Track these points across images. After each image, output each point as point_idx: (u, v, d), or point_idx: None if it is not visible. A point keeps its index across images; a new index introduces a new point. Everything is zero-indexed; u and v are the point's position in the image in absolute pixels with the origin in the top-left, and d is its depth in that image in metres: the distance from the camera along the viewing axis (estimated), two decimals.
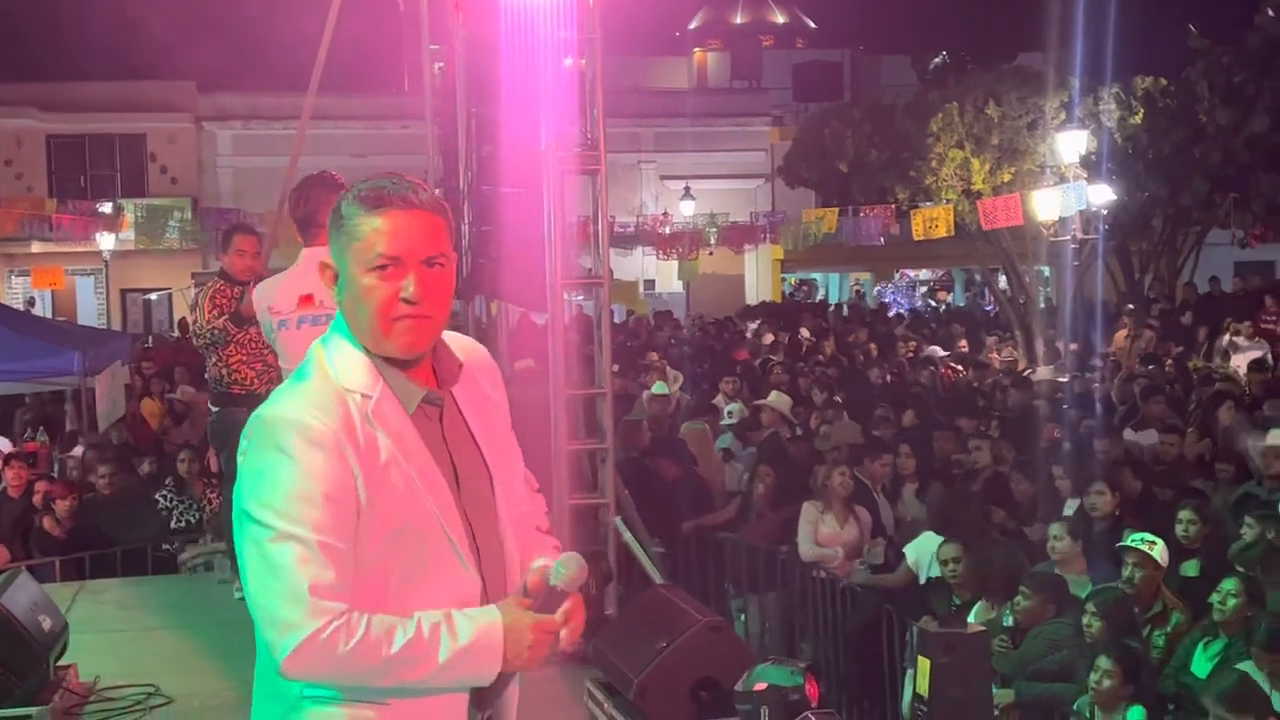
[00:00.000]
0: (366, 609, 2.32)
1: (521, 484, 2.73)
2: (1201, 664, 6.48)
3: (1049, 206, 19.82)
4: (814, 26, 45.38)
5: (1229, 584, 6.55)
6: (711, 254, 32.73)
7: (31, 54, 32.78)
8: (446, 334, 2.59)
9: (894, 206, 25.60)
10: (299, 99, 8.78)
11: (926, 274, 38.32)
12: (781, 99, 37.02)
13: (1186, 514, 7.81)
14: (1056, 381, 16.42)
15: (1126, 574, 6.93)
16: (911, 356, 18.86)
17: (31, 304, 29.75)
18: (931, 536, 8.36)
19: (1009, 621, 7.10)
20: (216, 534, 8.76)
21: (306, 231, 5.69)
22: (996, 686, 6.51)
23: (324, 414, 2.36)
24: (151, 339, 25.37)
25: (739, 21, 44.81)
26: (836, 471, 9.10)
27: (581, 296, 9.80)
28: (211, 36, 30.36)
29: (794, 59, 40.37)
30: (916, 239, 24.45)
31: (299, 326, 5.51)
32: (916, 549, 8.47)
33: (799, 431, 11.71)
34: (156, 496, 10.01)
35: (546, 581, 2.45)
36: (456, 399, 2.56)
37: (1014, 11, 28.43)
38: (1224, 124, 21.08)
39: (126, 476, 10.57)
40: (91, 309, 32.05)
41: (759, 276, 34.96)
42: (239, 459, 2.41)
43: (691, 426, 11.83)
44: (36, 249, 30.42)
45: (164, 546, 9.51)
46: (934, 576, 8.17)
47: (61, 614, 6.19)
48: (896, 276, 37.37)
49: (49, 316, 27.40)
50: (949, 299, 35.84)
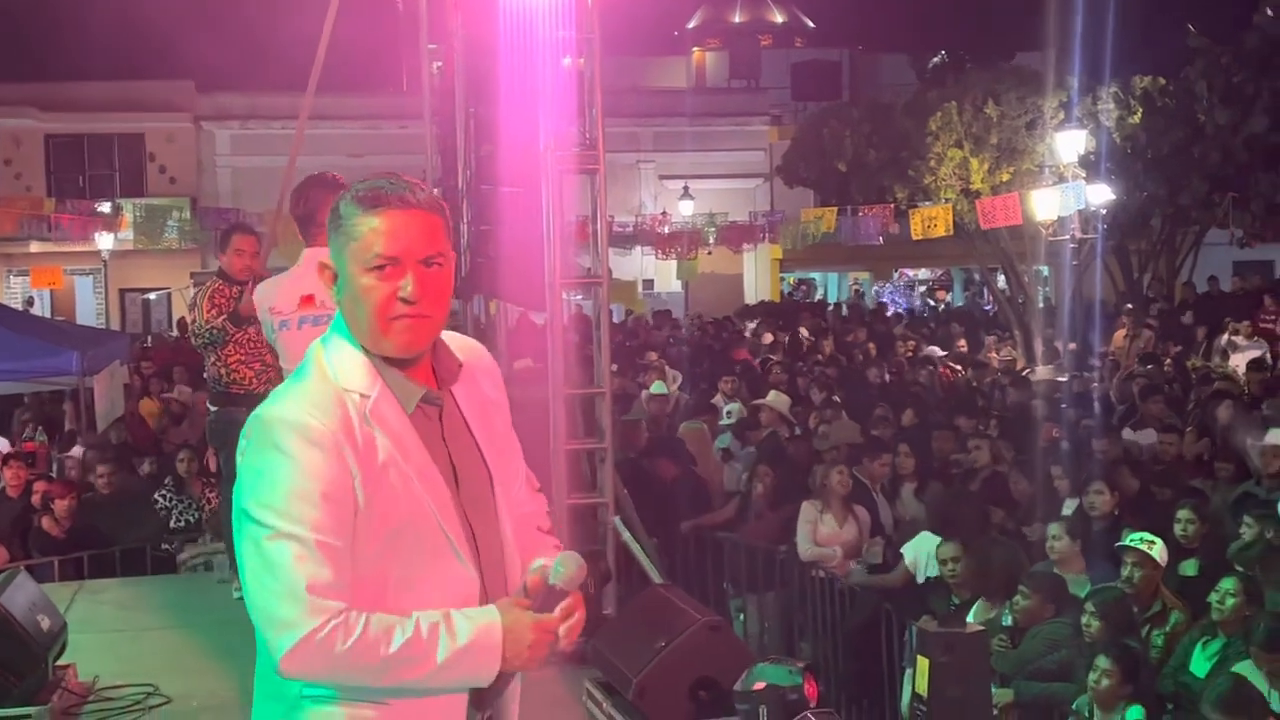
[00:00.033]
0: (365, 608, 2.32)
1: (523, 484, 2.72)
2: (1200, 663, 6.49)
3: (1048, 206, 19.81)
4: (812, 26, 45.36)
5: (1228, 583, 6.55)
6: (710, 253, 32.71)
7: (30, 54, 32.77)
8: (447, 334, 2.59)
9: (893, 206, 25.59)
10: (298, 99, 8.77)
11: (925, 273, 38.35)
12: (780, 98, 36.99)
13: (1185, 513, 7.81)
14: (1055, 381, 16.42)
15: (1125, 573, 6.93)
16: (910, 356, 18.86)
17: (30, 304, 29.75)
18: (929, 536, 8.36)
19: (1008, 621, 7.10)
20: (215, 533, 8.75)
21: (307, 231, 5.69)
22: (995, 686, 6.51)
23: (322, 413, 2.36)
24: (150, 339, 25.33)
25: (737, 21, 44.79)
26: (835, 471, 9.10)
27: (580, 296, 9.80)
28: (210, 36, 30.30)
29: (792, 58, 40.35)
30: (915, 238, 24.41)
31: (300, 327, 5.51)
32: (914, 549, 8.47)
33: (798, 431, 11.70)
34: (155, 496, 10.00)
35: (546, 581, 2.44)
36: (456, 399, 2.56)
37: (1013, 11, 28.44)
38: (1223, 123, 21.08)
39: (125, 476, 10.57)
40: (90, 309, 32.03)
41: (758, 276, 34.94)
42: (238, 458, 2.41)
43: (690, 426, 11.83)
44: (35, 249, 30.41)
45: (163, 546, 9.50)
46: (932, 576, 8.18)
47: (60, 614, 6.19)
48: (895, 276, 37.39)
49: (48, 316, 27.38)
50: (948, 298, 35.86)
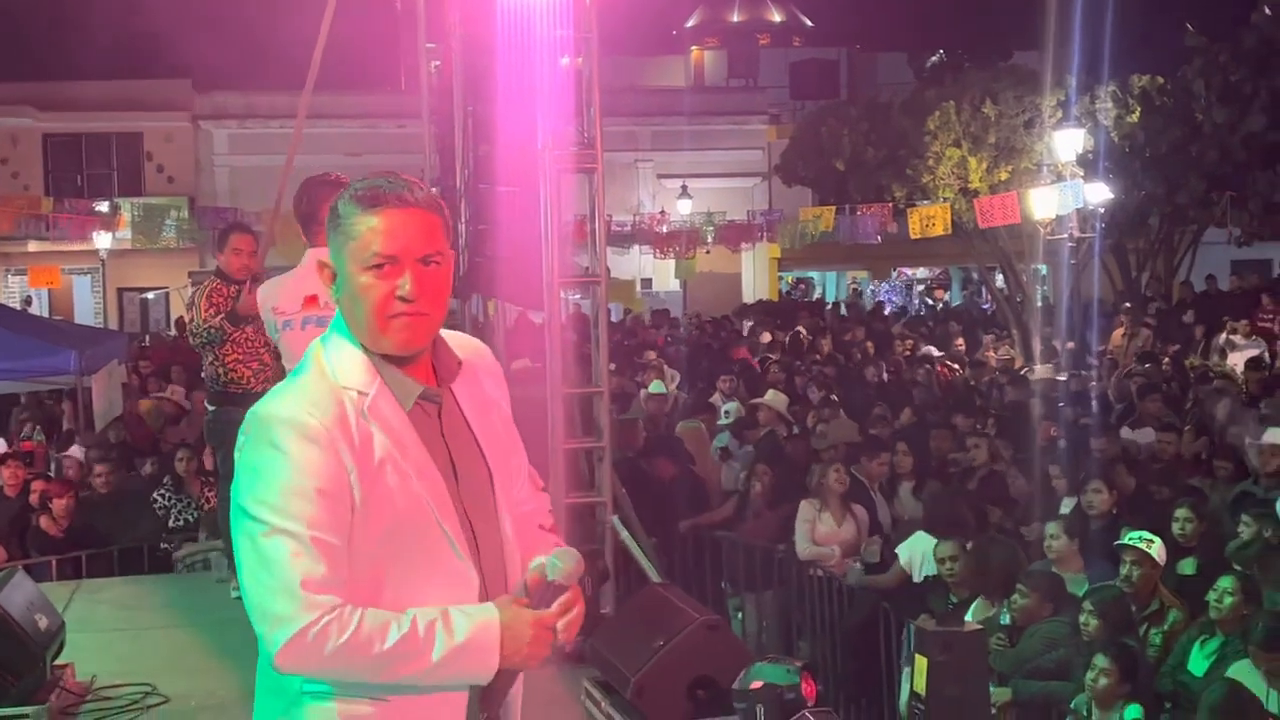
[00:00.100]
0: (364, 604, 2.33)
1: (525, 482, 2.73)
2: (1198, 662, 6.49)
3: (1046, 205, 19.82)
4: (811, 25, 45.36)
5: (1226, 582, 6.55)
6: (709, 252, 32.67)
7: (28, 53, 32.70)
8: (449, 333, 2.60)
9: (891, 205, 25.58)
10: (295, 98, 8.78)
11: (924, 272, 38.33)
12: (778, 97, 36.95)
13: (1183, 512, 7.81)
14: (1053, 380, 16.43)
15: (1124, 572, 6.93)
16: (909, 355, 18.87)
17: (28, 303, 29.74)
18: (924, 536, 8.36)
19: (1006, 620, 7.10)
20: (211, 531, 8.75)
21: (309, 230, 5.68)
22: (993, 685, 6.52)
23: (319, 411, 2.37)
24: (148, 338, 25.30)
25: (736, 20, 44.76)
26: (832, 469, 9.10)
27: (578, 295, 9.82)
28: (208, 36, 30.22)
29: (791, 57, 40.28)
30: (913, 237, 24.38)
31: (304, 327, 5.51)
32: (909, 549, 8.46)
33: (796, 430, 11.70)
34: (154, 495, 10.00)
35: (545, 578, 2.44)
36: (457, 397, 2.57)
37: (1011, 10, 28.45)
38: (1220, 122, 21.10)
39: (123, 475, 10.56)
40: (88, 308, 32.00)
41: (756, 275, 34.91)
42: (236, 455, 2.42)
43: (688, 425, 11.83)
44: (33, 248, 30.38)
45: (162, 545, 9.49)
46: (929, 576, 8.17)
47: (58, 613, 6.18)
48: (894, 275, 37.37)
49: (46, 315, 27.37)
50: (946, 297, 35.86)
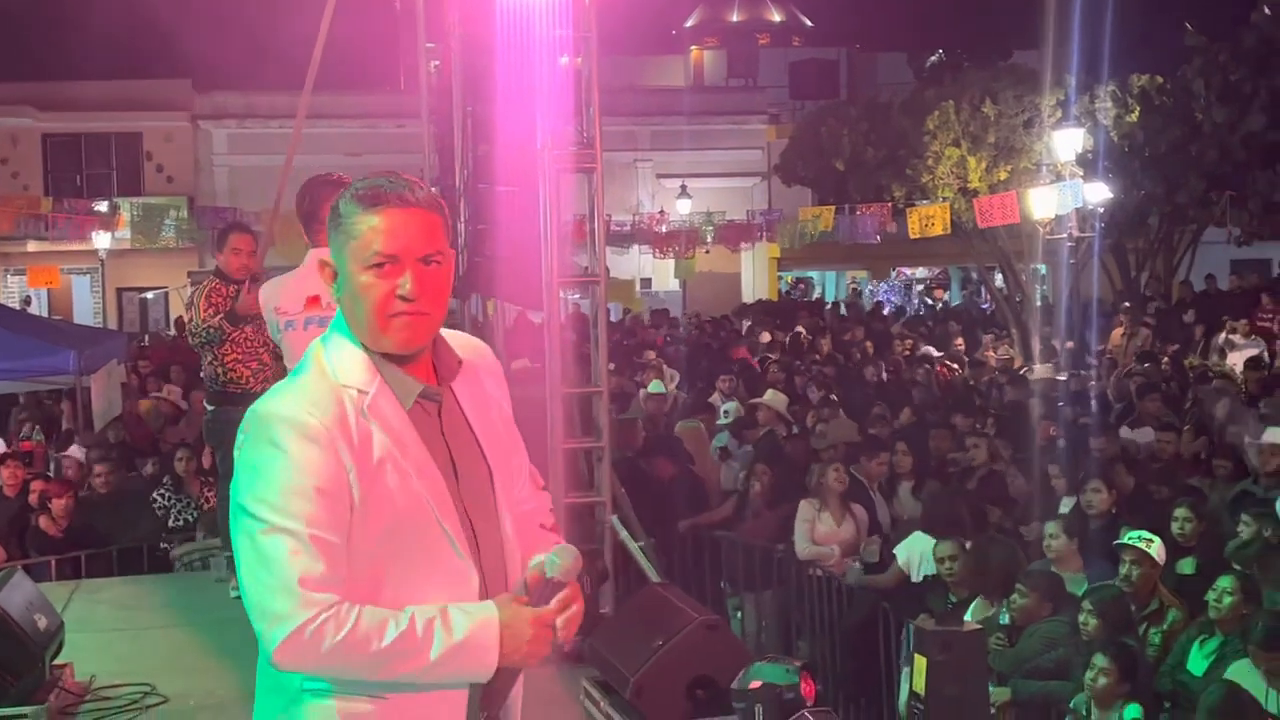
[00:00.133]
0: (363, 601, 2.34)
1: (526, 480, 2.73)
2: (1198, 662, 6.49)
3: (1045, 204, 19.82)
4: (810, 24, 45.39)
5: (1225, 582, 6.55)
6: (708, 252, 32.67)
7: (28, 53, 32.72)
8: (451, 332, 2.61)
9: (890, 205, 25.57)
10: (295, 97, 8.77)
11: (923, 272, 38.33)
12: (778, 97, 36.94)
13: (1182, 512, 7.81)
14: (1053, 379, 16.43)
15: (1124, 571, 6.93)
16: (908, 355, 18.87)
17: (27, 303, 29.72)
18: (921, 536, 8.36)
19: (1005, 619, 7.09)
20: (209, 530, 8.74)
21: (310, 229, 5.68)
22: (993, 684, 6.52)
23: (318, 409, 2.38)
24: (148, 338, 25.28)
25: (735, 20, 44.79)
26: (831, 469, 9.10)
27: (578, 295, 9.81)
28: (208, 35, 30.25)
29: (790, 57, 40.27)
30: (913, 237, 24.38)
31: (306, 328, 5.51)
32: (906, 549, 8.46)
33: (795, 430, 11.70)
34: (154, 495, 9.99)
35: (544, 575, 2.45)
36: (457, 396, 2.57)
37: (1010, 9, 28.47)
38: (1220, 122, 21.10)
39: (123, 475, 10.56)
40: (87, 308, 32.00)
41: (755, 275, 34.91)
42: (235, 453, 2.42)
43: (687, 425, 11.83)
44: (32, 248, 30.37)
45: (161, 545, 9.49)
46: (928, 575, 8.17)
47: (57, 613, 6.18)
48: (893, 275, 37.37)
49: (45, 315, 27.36)
50: (945, 297, 35.85)
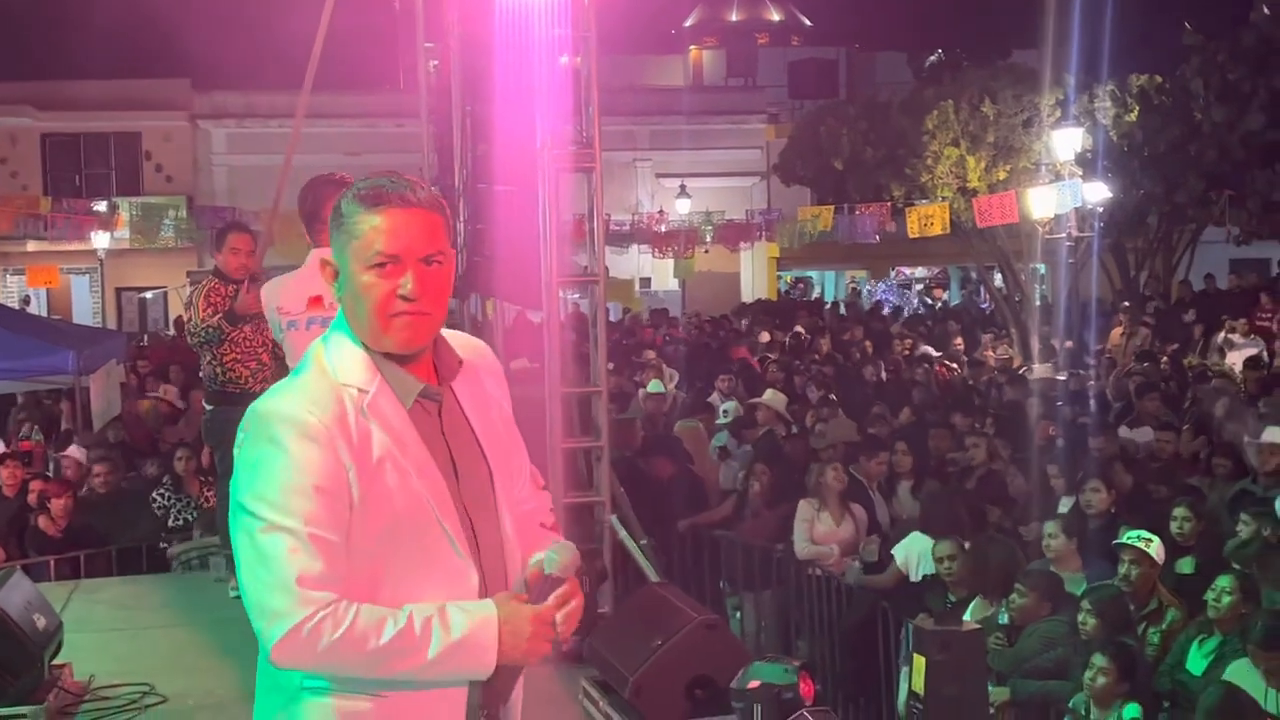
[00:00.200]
0: (363, 600, 2.34)
1: (526, 480, 2.74)
2: (1197, 661, 6.49)
3: (1044, 204, 19.82)
4: (809, 24, 45.39)
5: (1224, 581, 6.55)
6: (707, 252, 32.66)
7: (27, 52, 32.71)
8: (452, 333, 2.62)
9: (889, 204, 25.55)
10: (294, 97, 8.75)
11: (922, 271, 38.33)
12: (777, 96, 36.93)
13: (1182, 511, 7.81)
14: (1052, 379, 16.43)
15: (1123, 571, 6.93)
16: (907, 354, 18.87)
17: (26, 302, 29.71)
18: (920, 536, 8.36)
19: (1004, 619, 7.10)
20: (207, 528, 8.74)
21: (311, 229, 5.68)
22: (992, 684, 6.52)
23: (318, 408, 2.38)
24: (147, 337, 25.28)
25: (734, 19, 44.79)
26: (830, 468, 9.10)
27: (577, 294, 9.82)
28: (207, 35, 30.21)
29: (789, 56, 40.24)
30: (912, 236, 24.37)
31: (308, 328, 5.51)
32: (905, 549, 8.46)
33: (794, 429, 11.70)
34: (154, 495, 9.98)
35: (543, 572, 2.45)
36: (457, 395, 2.58)
37: (1009, 9, 28.46)
38: (1219, 121, 21.10)
39: (122, 475, 10.55)
40: (87, 307, 31.99)
41: (755, 274, 34.92)
42: (235, 452, 2.43)
43: (686, 424, 11.83)
44: (31, 247, 30.37)
45: (160, 545, 9.48)
46: (927, 575, 8.17)
47: (56, 613, 6.17)
48: (892, 274, 37.37)
49: (44, 315, 27.34)
50: (944, 296, 35.85)
